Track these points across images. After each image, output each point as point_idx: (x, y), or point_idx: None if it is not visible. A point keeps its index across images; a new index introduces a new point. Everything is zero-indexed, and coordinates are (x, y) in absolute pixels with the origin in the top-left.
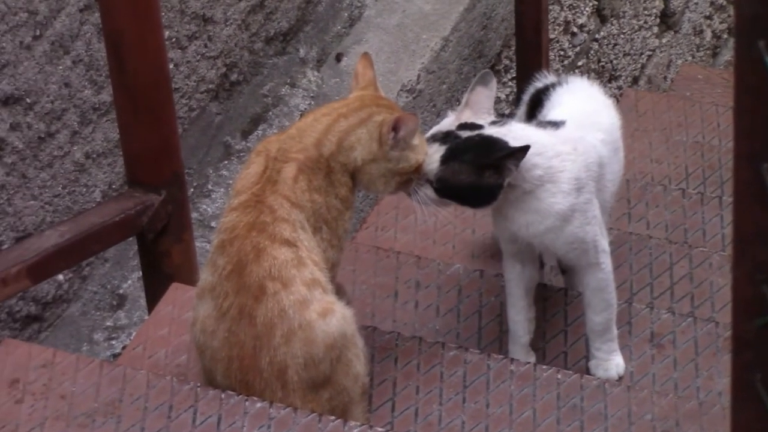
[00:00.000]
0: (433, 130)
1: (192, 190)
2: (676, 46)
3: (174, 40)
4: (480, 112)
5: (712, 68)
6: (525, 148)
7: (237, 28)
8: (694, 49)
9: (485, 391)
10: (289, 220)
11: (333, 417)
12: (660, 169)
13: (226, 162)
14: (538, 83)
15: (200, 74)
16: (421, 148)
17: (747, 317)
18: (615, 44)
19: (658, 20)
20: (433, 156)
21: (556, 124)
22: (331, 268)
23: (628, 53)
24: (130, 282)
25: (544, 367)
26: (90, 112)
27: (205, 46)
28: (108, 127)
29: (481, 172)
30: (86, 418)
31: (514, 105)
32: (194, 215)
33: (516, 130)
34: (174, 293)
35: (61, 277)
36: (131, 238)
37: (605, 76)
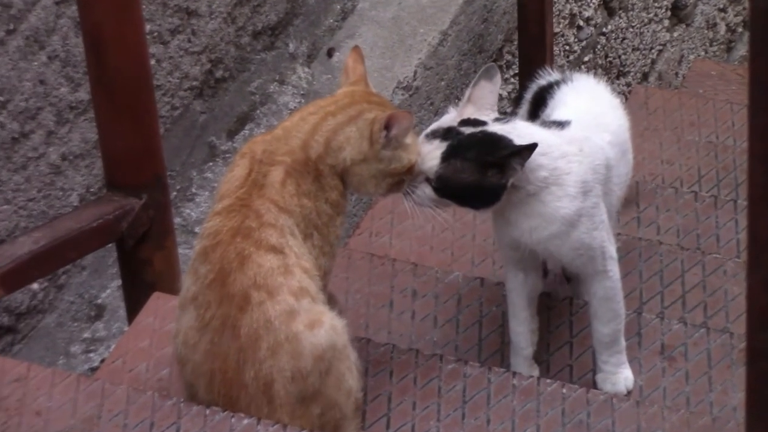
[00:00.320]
0: (433, 126)
1: (175, 193)
2: (688, 41)
3: (156, 34)
4: (483, 107)
5: (726, 64)
6: (532, 146)
7: (222, 22)
8: (708, 44)
9: (486, 407)
10: (277, 226)
11: None
12: (671, 171)
13: (211, 164)
14: (542, 81)
15: (183, 71)
16: (414, 148)
17: (763, 327)
18: (623, 38)
19: (669, 13)
20: (433, 153)
21: (560, 124)
22: (323, 276)
23: (638, 48)
24: (109, 291)
25: (548, 381)
26: (66, 111)
27: (189, 41)
28: (86, 127)
29: (484, 171)
30: None
31: (515, 103)
32: (177, 220)
33: (521, 128)
34: (155, 303)
35: (35, 286)
36: (110, 245)
37: (613, 73)
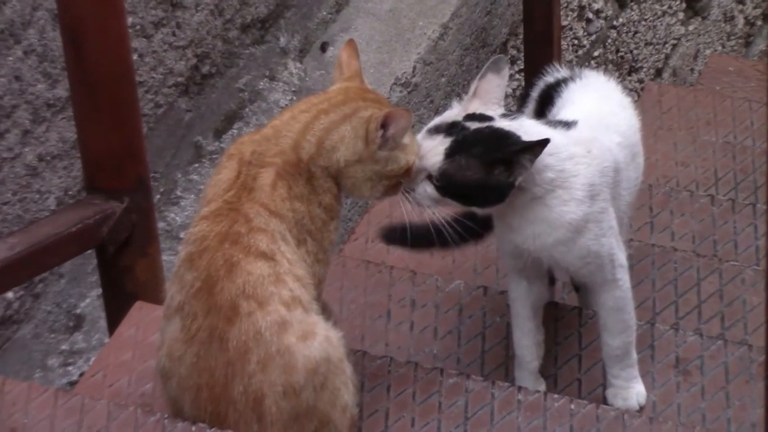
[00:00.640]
0: (436, 121)
1: (158, 196)
2: (704, 34)
3: (138, 27)
4: (489, 102)
5: (744, 59)
6: (544, 142)
7: (209, 14)
8: (725, 38)
9: (489, 424)
10: (267, 231)
11: None
12: (686, 173)
13: (197, 165)
14: (549, 78)
15: (168, 66)
16: (412, 148)
17: None
18: (636, 32)
19: (684, 5)
20: (436, 149)
21: (567, 124)
22: (317, 284)
23: (651, 42)
24: (88, 300)
25: (556, 396)
26: (43, 109)
27: (174, 35)
28: (64, 126)
29: (491, 169)
30: None
31: (521, 101)
32: (161, 225)
33: (528, 126)
34: (138, 313)
35: (10, 294)
36: (90, 251)
37: (624, 68)
